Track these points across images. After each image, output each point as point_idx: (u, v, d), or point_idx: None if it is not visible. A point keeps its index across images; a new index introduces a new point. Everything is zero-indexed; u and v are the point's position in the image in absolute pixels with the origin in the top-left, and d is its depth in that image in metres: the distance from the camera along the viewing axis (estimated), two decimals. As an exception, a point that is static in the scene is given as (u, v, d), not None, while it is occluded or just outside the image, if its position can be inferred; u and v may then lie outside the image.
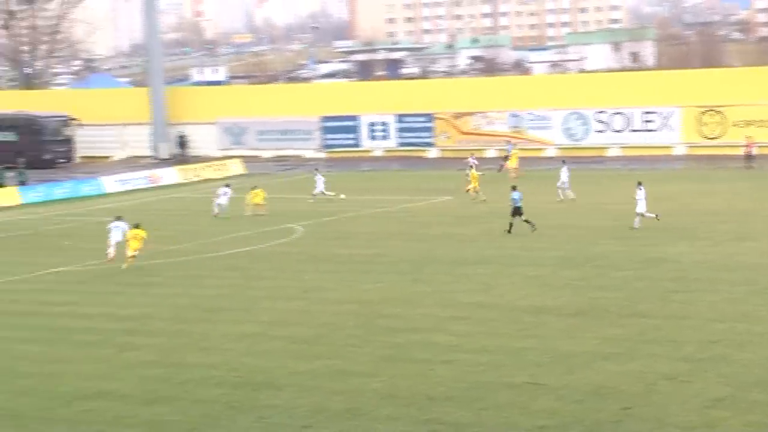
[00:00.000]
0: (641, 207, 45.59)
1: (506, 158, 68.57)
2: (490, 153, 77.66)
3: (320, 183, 57.66)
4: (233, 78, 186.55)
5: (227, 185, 55.82)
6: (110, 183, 69.01)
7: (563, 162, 57.61)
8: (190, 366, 27.54)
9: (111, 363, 28.16)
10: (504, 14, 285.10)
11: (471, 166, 58.45)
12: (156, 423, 23.51)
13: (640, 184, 45.92)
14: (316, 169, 61.19)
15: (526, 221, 45.48)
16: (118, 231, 42.43)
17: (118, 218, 43.55)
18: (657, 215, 45.92)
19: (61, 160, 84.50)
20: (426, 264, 39.95)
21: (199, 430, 23.02)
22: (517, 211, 45.68)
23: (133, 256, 41.20)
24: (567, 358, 26.80)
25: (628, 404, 23.22)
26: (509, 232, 45.42)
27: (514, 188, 46.25)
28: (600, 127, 79.67)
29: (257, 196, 53.86)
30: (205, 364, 27.61)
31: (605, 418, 22.58)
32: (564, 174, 55.73)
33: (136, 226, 42.04)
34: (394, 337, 29.61)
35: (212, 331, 30.95)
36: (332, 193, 57.66)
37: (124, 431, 23.14)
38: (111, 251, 41.91)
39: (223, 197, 53.86)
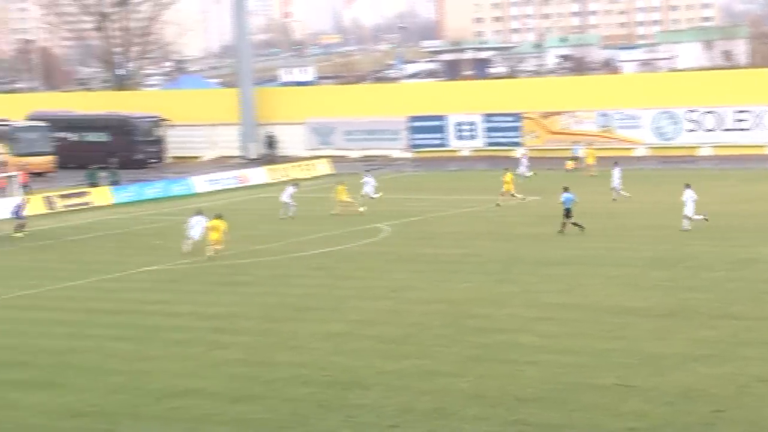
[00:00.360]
0: (689, 209, 44.83)
1: (573, 159, 68.10)
2: (580, 153, 76.95)
3: (368, 185, 57.02)
4: (321, 78, 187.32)
5: (295, 184, 56.24)
6: (200, 183, 69.74)
7: (615, 163, 57.16)
8: (279, 365, 27.71)
9: (200, 361, 28.45)
10: (593, 13, 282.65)
11: (506, 169, 57.25)
12: (244, 421, 23.68)
13: (687, 186, 45.23)
14: (367, 171, 61.13)
15: (574, 224, 45.24)
16: (198, 226, 43.77)
17: (199, 213, 45.05)
18: (705, 217, 45.12)
19: (153, 161, 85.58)
20: (513, 264, 39.79)
21: (287, 428, 23.14)
22: (567, 213, 45.38)
23: (216, 246, 42.31)
24: (656, 360, 26.49)
25: (720, 407, 22.88)
26: (581, 229, 45.04)
27: (566, 189, 46.04)
28: (691, 126, 78.65)
29: (341, 193, 54.01)
30: (294, 363, 27.76)
31: (696, 421, 22.28)
32: (616, 175, 55.36)
33: (218, 217, 43.07)
34: (481, 337, 29.53)
35: (300, 330, 31.12)
36: (379, 194, 57.12)
37: (213, 429, 23.34)
38: (188, 244, 43.13)
39: (286, 196, 53.75)
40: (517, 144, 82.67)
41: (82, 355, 29.45)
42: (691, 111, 78.42)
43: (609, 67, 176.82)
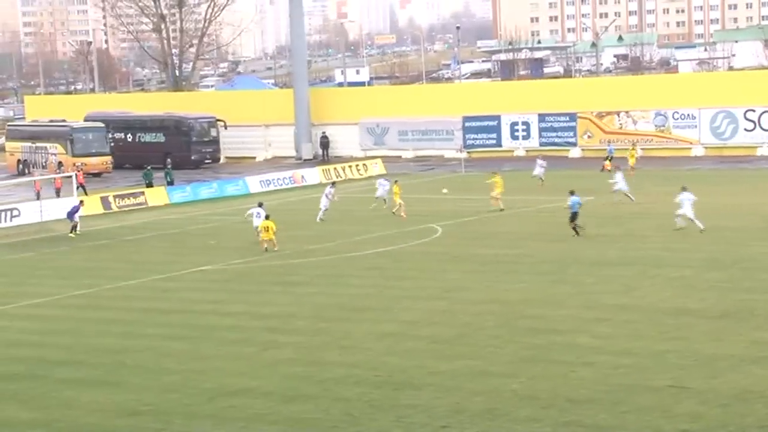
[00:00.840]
0: (686, 210, 44.80)
1: (608, 158, 67.69)
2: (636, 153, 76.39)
3: (382, 188, 56.46)
4: (376, 79, 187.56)
5: (332, 184, 56.26)
6: (254, 183, 69.99)
7: (617, 168, 56.49)
8: (331, 365, 27.77)
9: (253, 361, 28.58)
10: (650, 11, 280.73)
11: (494, 173, 56.31)
12: (297, 420, 23.76)
13: (684, 188, 45.27)
14: (381, 176, 60.93)
15: (574, 227, 45.14)
16: (260, 217, 45.72)
17: (260, 205, 47.26)
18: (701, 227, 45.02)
19: (208, 161, 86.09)
20: (568, 265, 39.58)
21: (338, 428, 23.18)
22: (573, 217, 45.35)
23: (271, 245, 43.80)
24: (711, 362, 26.25)
25: (776, 410, 22.62)
26: (577, 234, 45.01)
27: (572, 193, 45.95)
28: (749, 125, 77.76)
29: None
30: (346, 363, 27.81)
31: (752, 423, 22.05)
32: (618, 178, 54.80)
33: (266, 218, 44.63)
34: (534, 338, 29.40)
35: (353, 330, 31.15)
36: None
37: (265, 428, 23.44)
38: (259, 233, 45.34)
39: (325, 199, 53.76)
40: (572, 144, 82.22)
41: (136, 355, 29.70)
42: (750, 111, 77.52)
43: (666, 66, 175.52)
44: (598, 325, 30.44)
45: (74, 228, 52.63)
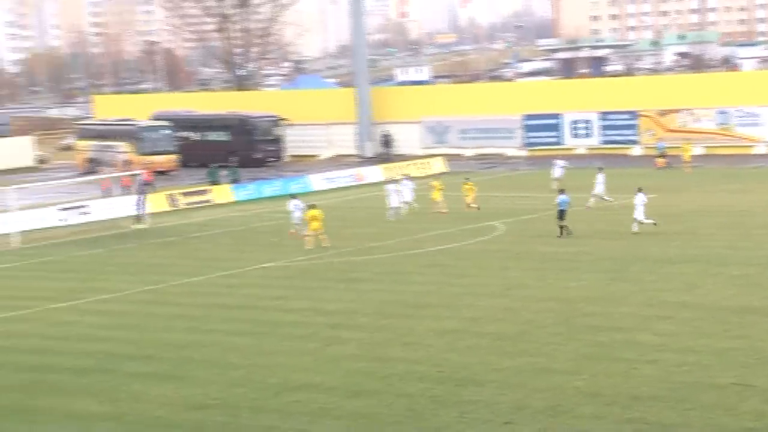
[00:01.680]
0: (639, 213, 45.10)
1: (661, 156, 67.29)
2: (697, 150, 76.02)
3: (407, 188, 56.09)
4: (437, 77, 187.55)
5: (404, 179, 56.31)
6: (317, 181, 70.49)
7: (600, 169, 55.82)
8: (394, 360, 28.03)
9: (317, 356, 28.91)
10: (712, 9, 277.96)
11: (466, 179, 55.51)
12: (360, 415, 24.04)
13: (639, 189, 45.44)
14: (404, 177, 60.84)
15: (561, 227, 45.27)
16: (299, 209, 47.36)
17: (293, 196, 49.18)
18: (654, 222, 45.39)
19: (271, 159, 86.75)
20: (629, 262, 39.54)
21: (402, 423, 23.43)
22: (561, 215, 45.32)
23: (321, 235, 44.71)
24: (776, 360, 26.17)
25: (841, 408, 22.56)
26: (561, 235, 45.20)
27: (561, 191, 46.15)
28: (813, 123, 76.98)
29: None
30: (409, 359, 28.06)
31: (816, 422, 21.99)
32: (600, 181, 54.33)
33: (313, 207, 45.32)
34: (596, 335, 29.48)
35: (415, 327, 31.40)
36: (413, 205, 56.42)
37: (330, 423, 23.74)
38: (302, 230, 46.35)
39: (394, 195, 53.85)
40: (633, 142, 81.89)
41: (203, 349, 30.16)
42: (814, 108, 76.75)
43: (728, 64, 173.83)
44: (660, 323, 30.44)
45: (140, 219, 53.80)
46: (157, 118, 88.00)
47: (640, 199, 45.46)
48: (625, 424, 22.59)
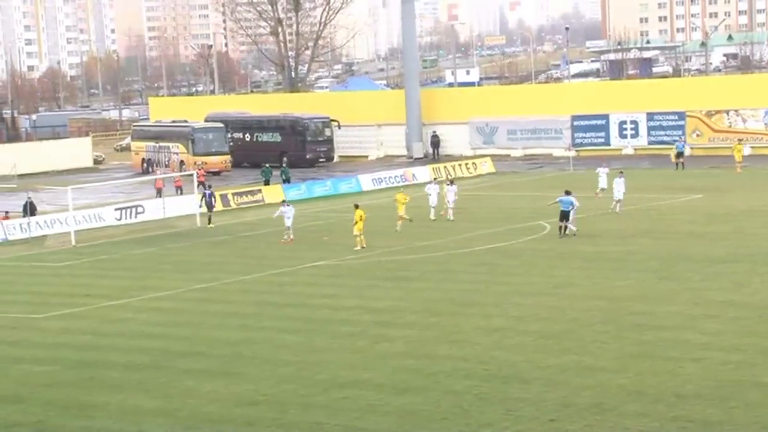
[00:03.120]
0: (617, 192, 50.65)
1: (678, 155, 67.60)
2: (745, 151, 75.61)
3: (433, 193, 55.63)
4: (485, 79, 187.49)
5: (451, 182, 56.47)
6: (367, 181, 70.90)
7: (620, 173, 55.42)
8: (441, 358, 28.41)
9: (365, 353, 29.35)
10: (760, 11, 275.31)
11: (400, 190, 54.66)
12: (407, 412, 24.42)
13: (621, 173, 49.06)
14: (435, 179, 60.76)
15: (564, 227, 45.44)
16: (290, 216, 48.86)
17: (284, 202, 50.51)
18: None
19: (322, 160, 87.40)
20: (676, 262, 39.65)
21: (449, 420, 23.79)
22: (564, 216, 45.47)
23: (360, 236, 45.19)
24: (822, 359, 26.26)
25: None
26: (561, 235, 45.43)
27: (567, 193, 46.23)
28: None
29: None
30: (456, 357, 28.42)
31: None
32: (603, 176, 54.24)
33: (357, 207, 45.85)
34: (642, 334, 29.68)
35: (462, 325, 31.76)
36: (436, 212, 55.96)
37: (378, 419, 24.15)
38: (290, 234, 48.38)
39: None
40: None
41: (254, 346, 30.70)
42: None
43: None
44: (706, 322, 30.59)
45: (210, 219, 55.09)
46: (210, 120, 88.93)
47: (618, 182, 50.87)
48: (669, 422, 22.81)
